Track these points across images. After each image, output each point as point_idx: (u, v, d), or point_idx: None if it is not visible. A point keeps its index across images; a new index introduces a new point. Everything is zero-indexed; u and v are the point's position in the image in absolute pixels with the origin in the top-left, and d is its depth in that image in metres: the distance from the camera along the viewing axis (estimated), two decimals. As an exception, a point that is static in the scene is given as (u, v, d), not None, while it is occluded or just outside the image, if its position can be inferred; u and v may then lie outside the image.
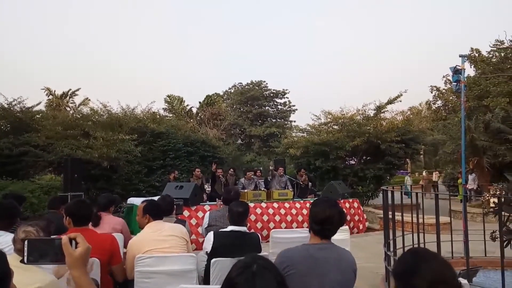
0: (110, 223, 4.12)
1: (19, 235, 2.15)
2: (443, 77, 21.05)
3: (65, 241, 1.30)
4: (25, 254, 1.29)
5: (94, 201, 9.30)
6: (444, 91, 21.68)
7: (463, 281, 2.49)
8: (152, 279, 3.07)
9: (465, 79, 6.68)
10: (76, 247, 1.31)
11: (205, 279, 3.28)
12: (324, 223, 2.22)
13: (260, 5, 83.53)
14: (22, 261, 1.31)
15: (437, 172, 23.77)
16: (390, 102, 14.27)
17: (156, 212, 3.41)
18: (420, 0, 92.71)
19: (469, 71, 18.08)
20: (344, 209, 2.41)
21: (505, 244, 4.16)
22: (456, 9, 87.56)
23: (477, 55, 18.11)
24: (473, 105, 16.29)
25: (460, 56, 6.63)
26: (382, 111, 14.37)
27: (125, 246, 3.75)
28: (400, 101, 14.35)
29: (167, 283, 3.03)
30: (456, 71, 6.46)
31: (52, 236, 2.34)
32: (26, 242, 1.29)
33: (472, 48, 18.31)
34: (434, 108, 23.83)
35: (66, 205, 3.28)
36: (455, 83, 6.56)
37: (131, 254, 3.16)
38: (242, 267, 1.20)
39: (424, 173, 21.99)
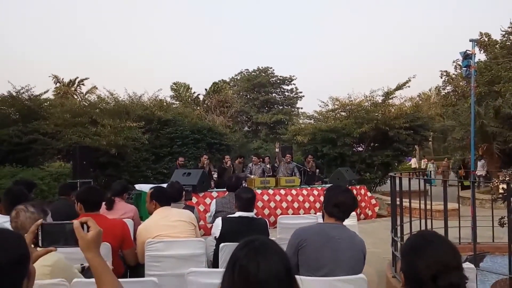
0: (122, 209, 4.20)
1: (12, 215, 2.21)
2: (453, 62, 20.74)
3: (77, 225, 1.34)
4: (40, 238, 1.35)
5: (103, 187, 9.43)
6: (454, 76, 21.37)
7: (470, 265, 2.50)
8: (162, 263, 3.13)
9: (476, 64, 6.56)
10: (88, 231, 1.35)
11: (214, 263, 3.34)
12: (338, 206, 2.36)
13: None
14: (36, 245, 1.36)
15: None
16: (399, 88, 14.04)
17: (163, 198, 3.44)
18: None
19: (480, 56, 17.76)
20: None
21: (513, 230, 4.14)
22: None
23: (486, 39, 17.75)
24: (483, 90, 16.04)
25: (470, 41, 6.52)
26: (390, 97, 14.18)
27: (135, 233, 3.82)
28: (409, 86, 14.15)
29: (177, 266, 3.08)
30: (466, 56, 6.36)
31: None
32: (40, 227, 1.35)
33: (481, 33, 17.91)
34: (444, 93, 23.54)
35: (77, 192, 3.34)
36: (465, 68, 6.47)
37: (140, 239, 3.22)
38: (244, 243, 1.23)
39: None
